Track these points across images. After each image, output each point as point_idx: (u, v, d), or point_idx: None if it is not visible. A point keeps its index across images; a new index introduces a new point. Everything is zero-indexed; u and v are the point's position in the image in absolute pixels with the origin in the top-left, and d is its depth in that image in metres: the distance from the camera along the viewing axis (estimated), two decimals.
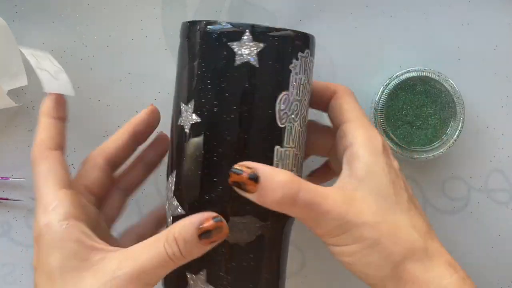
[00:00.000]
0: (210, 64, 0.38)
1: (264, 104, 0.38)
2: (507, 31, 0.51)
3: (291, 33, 0.38)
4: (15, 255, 0.51)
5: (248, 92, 0.37)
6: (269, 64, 0.38)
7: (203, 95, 0.38)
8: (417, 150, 0.49)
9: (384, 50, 0.51)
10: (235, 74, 0.37)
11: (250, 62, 0.37)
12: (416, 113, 0.49)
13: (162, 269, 0.36)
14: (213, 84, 0.37)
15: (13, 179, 0.51)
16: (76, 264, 0.36)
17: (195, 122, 0.38)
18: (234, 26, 0.37)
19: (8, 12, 0.50)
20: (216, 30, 0.37)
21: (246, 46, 0.37)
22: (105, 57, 0.51)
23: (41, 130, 0.40)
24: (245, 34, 0.37)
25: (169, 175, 0.40)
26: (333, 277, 0.52)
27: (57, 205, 0.37)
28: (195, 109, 0.38)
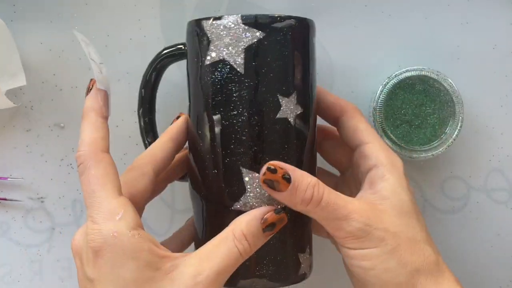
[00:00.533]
0: (312, 57, 0.43)
1: None
2: (506, 31, 0.51)
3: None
4: (14, 255, 0.51)
5: None
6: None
7: (305, 87, 0.42)
8: (416, 150, 0.49)
9: (384, 50, 0.51)
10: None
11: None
12: (415, 112, 0.49)
13: (234, 266, 0.37)
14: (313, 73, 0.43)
15: (11, 179, 0.51)
16: (151, 275, 0.35)
17: (300, 113, 0.41)
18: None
19: (6, 12, 0.50)
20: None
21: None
22: (103, 57, 0.50)
23: (92, 129, 0.38)
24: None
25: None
26: (335, 279, 0.52)
27: (125, 214, 0.35)
28: (297, 100, 0.41)
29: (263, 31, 0.39)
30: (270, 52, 0.40)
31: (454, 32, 0.51)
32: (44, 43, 0.50)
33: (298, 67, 0.41)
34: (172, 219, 0.52)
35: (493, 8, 0.51)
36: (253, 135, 0.40)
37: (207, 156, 0.41)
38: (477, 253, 0.52)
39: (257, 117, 0.40)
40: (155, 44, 0.51)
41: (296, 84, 0.41)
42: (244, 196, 0.40)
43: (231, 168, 0.40)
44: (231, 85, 0.40)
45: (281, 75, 0.40)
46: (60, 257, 0.51)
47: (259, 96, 0.39)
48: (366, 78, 0.51)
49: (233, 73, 0.39)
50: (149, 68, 0.46)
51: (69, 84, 0.51)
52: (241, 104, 0.39)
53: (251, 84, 0.39)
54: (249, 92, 0.39)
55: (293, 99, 0.40)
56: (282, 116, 0.40)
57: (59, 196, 0.51)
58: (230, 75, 0.39)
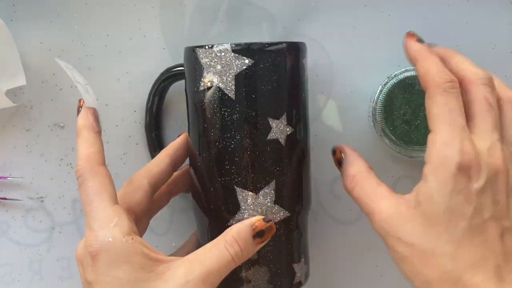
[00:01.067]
0: (301, 78, 0.45)
1: None
2: (506, 31, 0.51)
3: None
4: (14, 255, 0.51)
5: None
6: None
7: (295, 107, 0.44)
8: (415, 149, 0.49)
9: (383, 49, 0.51)
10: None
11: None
12: (414, 112, 0.49)
13: (225, 270, 0.39)
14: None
15: (11, 179, 0.51)
16: (145, 276, 0.37)
17: (290, 133, 0.43)
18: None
19: (6, 12, 0.50)
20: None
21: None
22: (103, 57, 0.51)
23: (87, 145, 0.41)
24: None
25: (262, 188, 0.42)
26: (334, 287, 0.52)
27: (119, 221, 0.38)
28: (288, 121, 0.43)
29: (252, 58, 0.41)
30: (260, 77, 0.42)
31: (453, 32, 0.51)
32: (44, 43, 0.50)
33: (288, 90, 0.43)
34: (172, 219, 0.52)
35: (493, 8, 0.51)
36: (245, 156, 0.42)
37: (205, 174, 0.43)
38: None
39: (248, 139, 0.42)
40: (155, 44, 0.51)
41: (286, 106, 0.43)
42: (239, 213, 0.42)
43: (226, 187, 0.42)
44: (224, 109, 0.42)
45: (271, 99, 0.42)
46: (60, 256, 0.51)
47: (250, 119, 0.42)
48: (365, 78, 0.51)
49: (225, 98, 0.42)
50: (154, 85, 0.49)
51: (69, 84, 0.51)
52: (233, 127, 0.42)
53: (242, 109, 0.42)
54: (240, 116, 0.42)
55: (283, 120, 0.42)
56: (273, 137, 0.42)
57: (59, 196, 0.51)
58: (222, 100, 0.42)
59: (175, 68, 0.48)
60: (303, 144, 0.45)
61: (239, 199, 0.42)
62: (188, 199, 0.51)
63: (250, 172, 0.42)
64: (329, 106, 0.52)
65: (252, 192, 0.42)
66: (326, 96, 0.51)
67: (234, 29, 0.51)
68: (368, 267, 0.52)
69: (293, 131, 0.43)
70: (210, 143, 0.43)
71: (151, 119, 0.50)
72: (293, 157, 0.43)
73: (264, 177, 0.42)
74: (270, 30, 0.51)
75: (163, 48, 0.51)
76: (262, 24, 0.51)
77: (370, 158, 0.51)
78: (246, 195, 0.42)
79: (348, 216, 0.52)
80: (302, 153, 0.44)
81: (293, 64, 0.43)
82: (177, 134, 0.47)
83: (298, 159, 0.44)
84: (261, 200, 0.42)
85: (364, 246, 0.52)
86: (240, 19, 0.51)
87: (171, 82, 0.48)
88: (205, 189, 0.44)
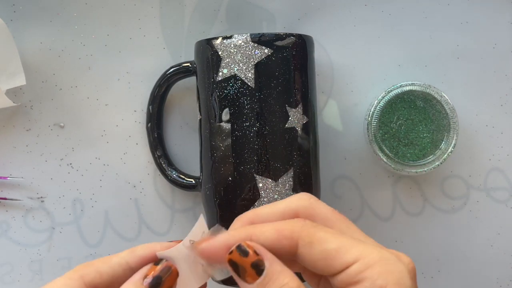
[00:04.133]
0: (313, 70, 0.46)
1: None
2: (506, 30, 0.51)
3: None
4: (14, 254, 0.51)
5: None
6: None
7: (309, 98, 0.45)
8: (409, 165, 0.48)
9: (383, 49, 0.51)
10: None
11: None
12: (409, 128, 0.49)
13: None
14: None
15: (11, 179, 0.51)
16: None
17: (306, 122, 0.44)
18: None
19: (6, 12, 0.50)
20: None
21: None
22: (103, 56, 0.51)
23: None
24: None
25: (281, 175, 0.43)
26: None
27: None
28: (303, 111, 0.44)
29: (271, 47, 0.43)
30: (278, 67, 0.43)
31: (454, 31, 0.51)
32: (44, 43, 0.50)
33: (303, 80, 0.45)
34: (172, 219, 0.52)
35: (493, 7, 0.51)
36: (264, 144, 0.43)
37: (222, 165, 0.44)
38: (477, 252, 0.52)
39: (268, 127, 0.43)
40: (155, 44, 0.51)
41: (301, 96, 0.44)
42: (259, 202, 0.43)
43: (245, 175, 0.43)
44: (243, 98, 0.43)
45: (288, 88, 0.44)
46: (60, 256, 0.51)
47: (268, 108, 0.43)
48: (366, 78, 0.51)
49: (244, 87, 0.43)
50: (156, 84, 0.49)
51: (69, 84, 0.51)
52: (252, 115, 0.43)
53: (261, 97, 0.43)
54: (259, 105, 0.43)
55: (299, 109, 0.44)
56: (291, 125, 0.44)
57: (59, 196, 0.51)
58: (242, 89, 0.43)
59: (182, 64, 0.48)
60: (316, 135, 0.46)
61: (259, 186, 0.43)
62: (188, 198, 0.51)
63: (269, 160, 0.43)
64: (329, 106, 0.52)
65: (271, 179, 0.43)
66: (326, 96, 0.51)
67: (234, 28, 0.51)
68: None
69: (308, 121, 0.45)
70: (229, 132, 0.43)
71: (152, 119, 0.49)
72: (309, 146, 0.45)
73: (283, 164, 0.43)
74: (270, 30, 0.51)
75: (163, 48, 0.51)
76: (262, 24, 0.51)
77: (370, 158, 0.51)
78: (266, 182, 0.43)
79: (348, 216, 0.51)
80: (315, 143, 0.46)
81: (308, 55, 0.45)
82: (177, 134, 0.46)
83: (312, 148, 0.45)
84: (280, 188, 0.43)
85: None
86: (240, 19, 0.51)
87: (176, 80, 0.48)
88: (223, 179, 0.44)
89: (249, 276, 0.30)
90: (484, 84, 0.51)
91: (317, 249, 0.30)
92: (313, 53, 0.46)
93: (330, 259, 0.30)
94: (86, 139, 0.51)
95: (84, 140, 0.51)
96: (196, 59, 0.46)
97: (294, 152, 0.44)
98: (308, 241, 0.30)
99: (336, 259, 0.29)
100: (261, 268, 0.30)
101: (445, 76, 0.51)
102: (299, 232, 0.30)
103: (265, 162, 0.43)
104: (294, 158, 0.44)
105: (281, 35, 0.44)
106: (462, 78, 0.51)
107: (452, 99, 0.49)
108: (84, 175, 0.51)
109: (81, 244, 0.51)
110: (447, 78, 0.51)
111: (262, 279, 0.29)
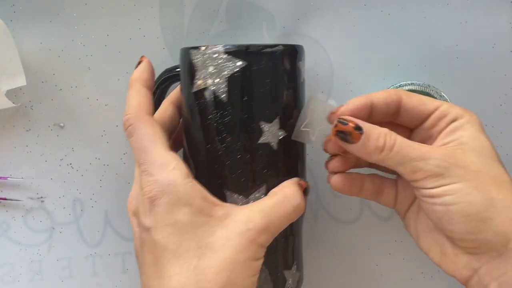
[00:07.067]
0: (296, 80, 0.43)
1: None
2: (506, 29, 0.51)
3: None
4: (14, 254, 0.51)
5: None
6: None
7: (289, 110, 0.42)
8: None
9: (383, 49, 0.51)
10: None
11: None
12: None
13: (285, 221, 0.39)
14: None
15: (11, 179, 0.51)
16: (205, 220, 0.37)
17: (283, 137, 0.42)
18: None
19: (6, 12, 0.50)
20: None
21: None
22: (103, 57, 0.51)
23: (136, 96, 0.41)
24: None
25: (252, 192, 0.42)
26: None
27: (177, 164, 0.38)
28: (281, 125, 0.42)
29: (244, 60, 0.40)
30: (252, 80, 0.41)
31: (453, 31, 0.51)
32: (43, 43, 0.50)
33: (281, 93, 0.42)
34: None
35: (492, 7, 0.51)
36: (236, 159, 0.41)
37: (197, 176, 0.42)
38: None
39: (240, 142, 0.41)
40: (155, 44, 0.51)
41: (279, 109, 0.42)
42: None
43: (216, 190, 0.41)
44: (215, 111, 0.41)
45: (263, 102, 0.41)
46: (60, 256, 0.51)
47: (241, 123, 0.41)
48: (365, 78, 0.51)
49: (217, 100, 0.41)
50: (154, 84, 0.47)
51: (68, 84, 0.51)
52: (224, 130, 0.41)
53: (234, 112, 0.41)
54: (231, 119, 0.41)
55: (276, 124, 0.41)
56: (264, 141, 0.41)
57: (59, 196, 0.51)
58: (214, 103, 0.41)
59: (173, 70, 0.47)
60: (298, 148, 0.44)
61: (229, 202, 0.41)
62: None
63: (241, 176, 0.41)
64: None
65: (242, 196, 0.41)
66: (326, 96, 0.51)
67: (233, 28, 0.51)
68: (368, 267, 0.52)
69: (287, 135, 0.42)
70: (202, 145, 0.42)
71: None
72: (286, 162, 0.43)
73: (254, 181, 0.41)
74: (270, 30, 0.51)
75: (163, 48, 0.51)
76: (261, 24, 0.51)
77: None
78: (236, 198, 0.41)
79: (348, 216, 0.52)
80: (296, 157, 0.44)
81: (288, 67, 0.42)
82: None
83: (291, 164, 0.43)
84: None
85: (364, 245, 0.52)
86: (239, 19, 0.51)
87: (168, 84, 0.47)
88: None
89: (355, 137, 0.39)
90: (483, 84, 0.51)
91: (414, 98, 0.41)
92: (299, 62, 0.43)
93: (424, 104, 0.41)
94: (86, 139, 0.51)
95: (84, 140, 0.51)
96: (180, 67, 0.44)
97: (267, 169, 0.41)
98: (408, 95, 0.41)
99: (428, 102, 0.41)
100: (361, 128, 0.39)
101: (445, 76, 0.51)
102: (401, 91, 0.41)
103: (235, 178, 0.41)
104: (267, 175, 0.41)
105: (257, 46, 0.41)
106: (461, 78, 0.51)
107: (452, 99, 0.49)
108: (84, 175, 0.51)
109: (81, 244, 0.51)
110: (446, 77, 0.51)
111: (364, 135, 0.39)
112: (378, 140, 0.38)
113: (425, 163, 0.38)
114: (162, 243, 0.37)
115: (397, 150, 0.38)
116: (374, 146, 0.38)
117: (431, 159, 0.38)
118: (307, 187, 0.42)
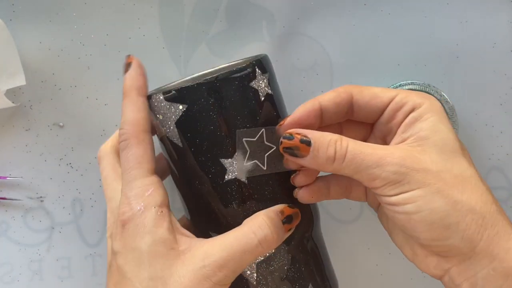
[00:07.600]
0: (255, 100, 0.40)
1: None
2: (506, 29, 0.51)
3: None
4: (13, 254, 0.51)
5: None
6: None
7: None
8: None
9: (383, 48, 0.51)
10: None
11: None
12: None
13: (250, 255, 0.36)
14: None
15: (10, 178, 0.51)
16: (165, 252, 0.36)
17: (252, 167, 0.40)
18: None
19: (5, 11, 0.50)
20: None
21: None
22: (102, 56, 0.51)
23: (134, 108, 0.39)
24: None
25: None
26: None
27: (153, 191, 0.38)
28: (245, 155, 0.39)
29: (184, 102, 0.38)
30: (198, 120, 0.38)
31: (453, 31, 0.51)
32: (43, 43, 0.50)
33: (235, 123, 0.39)
34: None
35: (493, 6, 0.51)
36: (209, 202, 0.40)
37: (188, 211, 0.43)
38: None
39: (207, 184, 0.39)
40: (155, 44, 0.51)
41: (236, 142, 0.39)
42: None
43: (203, 230, 0.41)
44: (176, 157, 0.40)
45: (216, 139, 0.39)
46: (60, 256, 0.51)
47: (201, 164, 0.39)
48: (365, 77, 0.51)
49: (174, 147, 0.40)
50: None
51: (68, 84, 0.51)
52: (189, 174, 0.40)
53: (192, 155, 0.39)
54: (192, 162, 0.39)
55: (239, 156, 0.39)
56: (231, 177, 0.39)
57: (58, 196, 0.51)
58: (174, 149, 0.40)
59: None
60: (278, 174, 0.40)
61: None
62: None
63: (220, 217, 0.40)
64: None
65: None
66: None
67: (233, 28, 0.51)
68: (368, 266, 0.52)
69: (256, 163, 0.39)
70: (179, 187, 0.42)
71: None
72: (261, 191, 0.40)
73: (234, 219, 0.39)
74: (270, 29, 0.51)
75: (162, 47, 0.51)
76: (261, 23, 0.51)
77: None
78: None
79: (348, 215, 0.52)
80: (277, 180, 0.40)
81: (236, 93, 0.39)
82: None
83: (269, 191, 0.40)
84: None
85: (364, 245, 0.52)
86: (239, 18, 0.51)
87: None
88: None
89: (303, 150, 0.37)
90: (483, 83, 0.51)
91: (366, 92, 0.39)
92: (253, 81, 0.39)
93: (377, 97, 0.39)
94: (85, 138, 0.51)
95: (84, 139, 0.51)
96: None
97: (242, 204, 0.39)
98: (359, 90, 0.39)
99: (382, 94, 0.39)
100: (308, 140, 0.37)
101: (445, 75, 0.51)
102: (351, 88, 0.40)
103: (215, 219, 0.40)
104: (244, 210, 0.39)
105: (192, 85, 0.38)
106: (461, 77, 0.51)
107: (452, 98, 0.49)
108: (84, 175, 0.51)
109: (80, 244, 0.51)
110: (446, 77, 0.51)
111: (312, 147, 0.37)
112: (328, 149, 0.36)
113: (381, 170, 0.35)
114: (122, 270, 0.37)
115: (350, 158, 0.36)
116: (325, 157, 0.36)
117: (387, 165, 0.35)
118: (292, 214, 0.39)
